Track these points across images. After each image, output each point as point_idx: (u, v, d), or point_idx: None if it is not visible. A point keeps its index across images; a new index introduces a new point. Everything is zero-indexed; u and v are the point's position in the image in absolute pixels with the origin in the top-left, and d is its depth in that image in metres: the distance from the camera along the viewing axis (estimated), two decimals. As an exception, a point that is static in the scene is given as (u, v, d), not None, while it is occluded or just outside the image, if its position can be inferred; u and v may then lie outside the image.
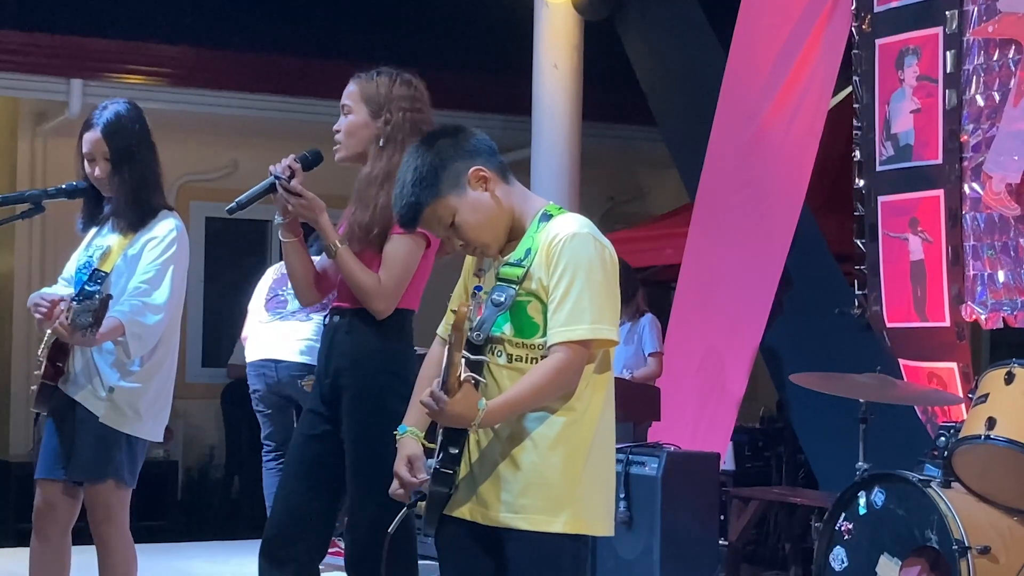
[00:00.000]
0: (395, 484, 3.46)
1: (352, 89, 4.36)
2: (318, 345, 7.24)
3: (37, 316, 4.62)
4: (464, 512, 3.39)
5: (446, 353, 3.19)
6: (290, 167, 4.24)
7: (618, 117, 10.78)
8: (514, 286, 3.34)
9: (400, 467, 3.45)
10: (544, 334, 3.33)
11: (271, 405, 7.45)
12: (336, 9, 10.57)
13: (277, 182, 4.21)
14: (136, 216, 4.67)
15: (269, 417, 7.48)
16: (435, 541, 3.48)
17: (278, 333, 7.30)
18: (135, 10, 10.03)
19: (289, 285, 7.54)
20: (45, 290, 4.79)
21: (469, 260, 3.57)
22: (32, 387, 4.68)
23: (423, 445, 3.48)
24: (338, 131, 4.37)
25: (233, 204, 4.23)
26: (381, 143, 4.28)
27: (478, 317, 3.35)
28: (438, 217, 3.38)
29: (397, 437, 3.51)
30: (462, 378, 3.20)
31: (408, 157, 3.44)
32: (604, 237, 3.43)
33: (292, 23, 10.53)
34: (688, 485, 6.55)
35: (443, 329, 3.60)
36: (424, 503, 3.41)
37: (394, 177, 4.19)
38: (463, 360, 3.22)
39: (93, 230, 4.81)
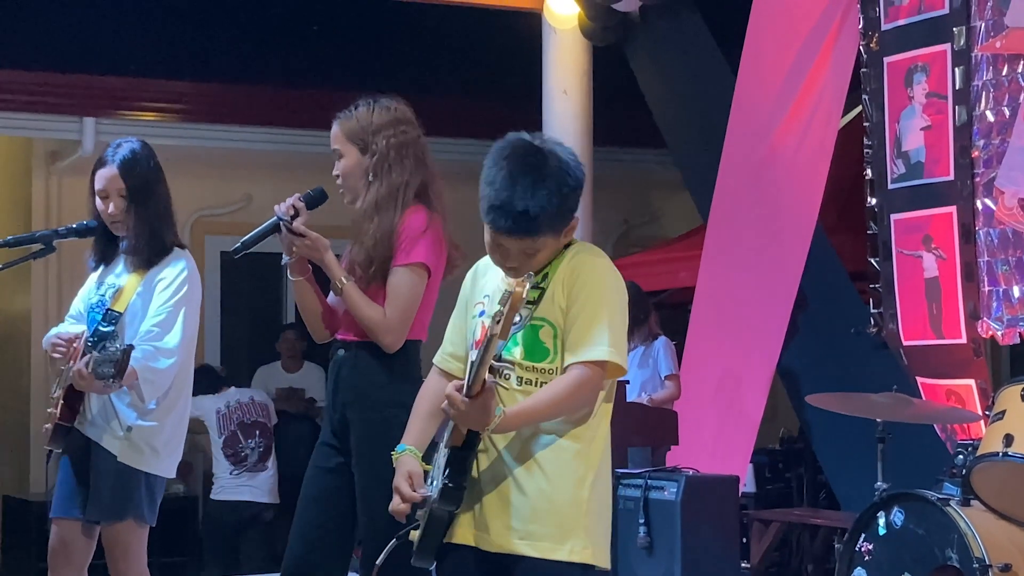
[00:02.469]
0: (396, 500, 3.43)
1: (336, 131, 4.35)
2: (275, 485, 9.11)
3: (56, 356, 4.62)
4: (468, 538, 3.38)
5: (478, 354, 3.15)
6: (294, 207, 4.24)
7: (629, 141, 10.78)
8: (530, 307, 3.35)
9: (401, 482, 3.43)
10: (554, 359, 3.34)
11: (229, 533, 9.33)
12: (347, 40, 10.59)
13: (281, 223, 4.22)
14: (150, 254, 4.68)
15: (225, 542, 9.38)
16: (437, 570, 3.46)
17: (249, 483, 9.16)
18: (146, 47, 10.08)
19: (246, 439, 9.09)
20: (58, 328, 4.81)
21: (468, 281, 3.58)
22: (46, 425, 4.68)
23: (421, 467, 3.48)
24: (337, 175, 4.37)
25: (238, 245, 4.24)
26: (370, 177, 4.28)
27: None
28: (529, 244, 3.33)
29: (395, 456, 3.49)
30: (487, 381, 3.19)
31: (537, 172, 3.30)
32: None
33: (303, 56, 10.56)
34: (708, 509, 6.52)
35: (440, 359, 3.60)
36: (417, 531, 3.40)
37: (383, 208, 4.21)
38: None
39: (102, 267, 4.82)
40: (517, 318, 3.21)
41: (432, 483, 3.40)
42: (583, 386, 3.30)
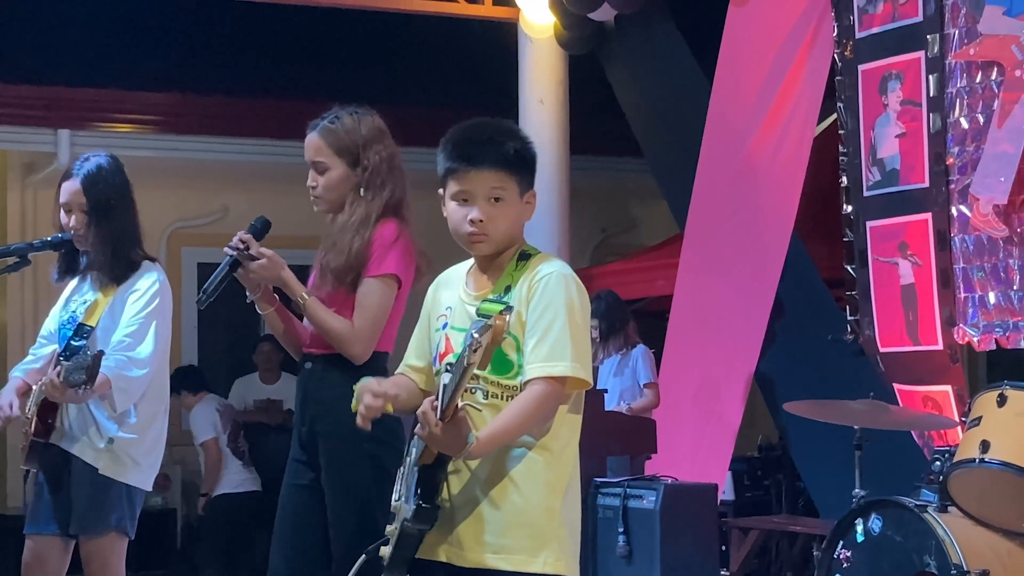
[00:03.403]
0: (367, 397, 3.40)
1: (318, 143, 4.25)
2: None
3: None
4: (439, 554, 3.34)
5: (452, 379, 3.12)
6: (241, 240, 4.22)
7: (606, 150, 10.79)
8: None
9: (372, 384, 3.43)
10: (518, 374, 3.32)
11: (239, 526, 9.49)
12: (321, 51, 10.59)
13: (237, 255, 4.20)
14: (116, 271, 4.64)
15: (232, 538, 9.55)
16: None
17: (252, 475, 9.51)
18: (121, 59, 10.04)
19: (239, 436, 9.44)
20: (21, 364, 4.79)
21: (430, 295, 3.56)
22: (22, 444, 4.66)
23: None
24: (314, 186, 4.28)
25: (202, 296, 4.20)
26: (362, 191, 4.24)
27: (455, 352, 3.32)
28: (497, 183, 3.35)
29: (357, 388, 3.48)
30: (460, 406, 3.16)
31: (510, 128, 3.45)
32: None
33: (278, 66, 10.54)
34: (687, 517, 6.52)
35: (402, 371, 3.58)
36: (387, 547, 3.37)
37: (369, 222, 4.18)
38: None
39: (73, 283, 4.79)
40: (477, 334, 3.11)
41: (399, 497, 3.38)
42: (544, 402, 3.28)
